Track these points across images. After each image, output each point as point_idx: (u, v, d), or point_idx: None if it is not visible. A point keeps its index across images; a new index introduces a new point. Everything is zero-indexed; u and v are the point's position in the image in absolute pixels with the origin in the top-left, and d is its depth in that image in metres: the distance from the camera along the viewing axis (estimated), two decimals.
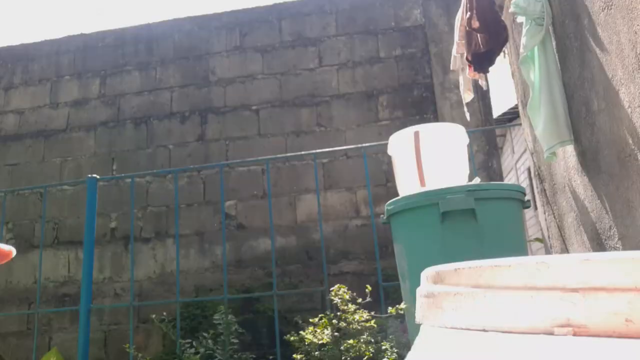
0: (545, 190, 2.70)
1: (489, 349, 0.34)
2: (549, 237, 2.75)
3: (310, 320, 2.36)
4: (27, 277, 4.56)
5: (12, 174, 4.88)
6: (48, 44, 5.22)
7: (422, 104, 4.45)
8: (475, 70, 2.79)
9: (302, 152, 3.82)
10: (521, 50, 2.16)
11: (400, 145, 2.39)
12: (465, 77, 3.01)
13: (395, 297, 2.72)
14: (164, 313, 3.28)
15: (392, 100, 4.48)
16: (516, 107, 4.02)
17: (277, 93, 4.65)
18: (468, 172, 2.41)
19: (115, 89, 4.94)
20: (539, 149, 2.52)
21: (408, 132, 2.35)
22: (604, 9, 1.61)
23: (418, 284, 0.50)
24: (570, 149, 2.13)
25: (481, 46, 2.61)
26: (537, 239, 3.53)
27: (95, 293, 4.32)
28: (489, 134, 4.33)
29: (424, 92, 4.47)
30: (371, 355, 2.10)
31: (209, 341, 3.18)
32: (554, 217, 2.57)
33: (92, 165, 4.73)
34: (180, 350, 3.14)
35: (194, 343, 3.19)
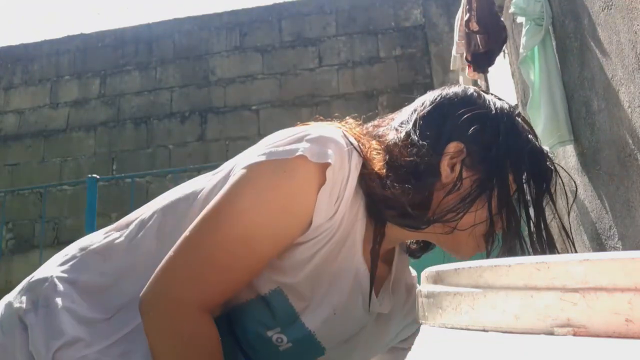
0: None
1: (489, 349, 0.34)
2: None
3: None
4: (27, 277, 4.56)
5: (12, 174, 4.88)
6: (48, 44, 5.21)
7: None
8: (474, 70, 2.79)
9: None
10: (521, 50, 2.16)
11: None
12: (465, 78, 3.01)
13: None
14: None
15: (392, 100, 4.48)
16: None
17: (277, 93, 4.65)
18: None
19: (115, 89, 4.94)
20: None
21: None
22: (604, 9, 1.61)
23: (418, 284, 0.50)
24: (570, 149, 2.13)
25: (480, 47, 2.61)
26: None
27: None
28: None
29: (424, 92, 4.45)
30: None
31: None
32: (554, 217, 2.57)
33: (92, 165, 4.73)
34: None
35: None
